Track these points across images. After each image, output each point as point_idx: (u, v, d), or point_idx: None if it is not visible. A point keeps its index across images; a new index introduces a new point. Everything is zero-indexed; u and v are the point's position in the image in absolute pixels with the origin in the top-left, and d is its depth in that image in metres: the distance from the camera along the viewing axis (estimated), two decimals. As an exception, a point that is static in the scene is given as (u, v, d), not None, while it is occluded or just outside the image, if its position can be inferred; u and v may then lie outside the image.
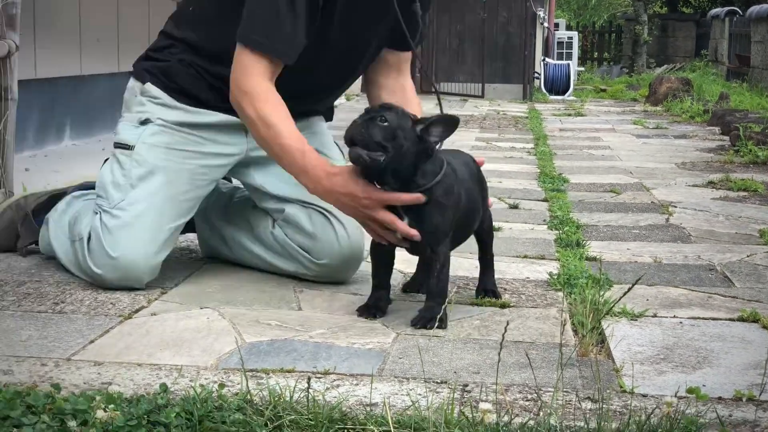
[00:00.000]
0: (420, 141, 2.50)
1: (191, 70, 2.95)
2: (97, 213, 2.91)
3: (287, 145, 2.67)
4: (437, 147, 2.56)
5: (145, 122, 2.96)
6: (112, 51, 6.95)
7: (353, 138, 2.48)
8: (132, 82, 3.04)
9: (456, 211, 2.58)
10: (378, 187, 2.53)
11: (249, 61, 2.70)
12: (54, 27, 6.18)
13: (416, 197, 2.51)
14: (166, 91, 2.96)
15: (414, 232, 2.53)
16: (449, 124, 2.54)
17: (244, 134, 2.97)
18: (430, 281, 2.58)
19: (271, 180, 3.04)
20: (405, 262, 3.04)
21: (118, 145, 2.97)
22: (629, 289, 2.36)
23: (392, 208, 2.55)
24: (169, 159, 2.93)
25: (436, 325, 2.53)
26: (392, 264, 2.71)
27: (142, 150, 2.92)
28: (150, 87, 2.98)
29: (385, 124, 2.47)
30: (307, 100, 3.00)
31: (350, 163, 2.57)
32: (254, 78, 2.70)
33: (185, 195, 2.94)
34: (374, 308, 2.66)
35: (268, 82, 2.71)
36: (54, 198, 3.29)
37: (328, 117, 3.24)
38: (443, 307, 2.54)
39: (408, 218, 2.54)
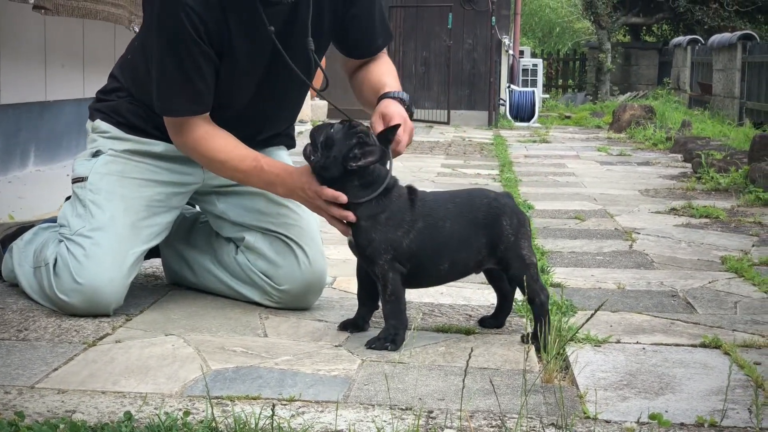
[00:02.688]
0: (344, 159, 2.62)
1: (139, 110, 3.01)
2: (61, 241, 2.91)
3: (242, 169, 2.82)
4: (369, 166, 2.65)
5: (96, 154, 3.03)
6: (77, 77, 6.93)
7: (311, 134, 2.69)
8: (87, 124, 3.12)
9: (385, 237, 2.61)
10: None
11: (173, 123, 2.86)
12: (19, 52, 6.15)
13: (345, 214, 2.65)
14: (115, 125, 3.03)
15: (346, 214, 2.65)
16: (377, 156, 2.64)
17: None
18: (382, 305, 2.68)
19: (232, 208, 3.07)
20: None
21: (75, 181, 3.02)
22: (591, 315, 2.38)
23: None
24: (123, 187, 2.95)
25: (388, 346, 2.60)
26: (375, 285, 2.75)
27: (95, 179, 2.97)
28: (99, 123, 3.05)
29: (330, 131, 2.65)
30: (249, 129, 3.01)
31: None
32: (184, 133, 2.85)
33: (145, 222, 2.95)
34: (351, 325, 2.80)
35: (200, 127, 2.84)
36: (22, 230, 3.30)
37: (290, 145, 3.26)
38: (400, 328, 2.63)
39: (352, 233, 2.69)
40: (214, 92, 2.84)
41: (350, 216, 2.64)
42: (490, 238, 2.70)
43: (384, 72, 2.99)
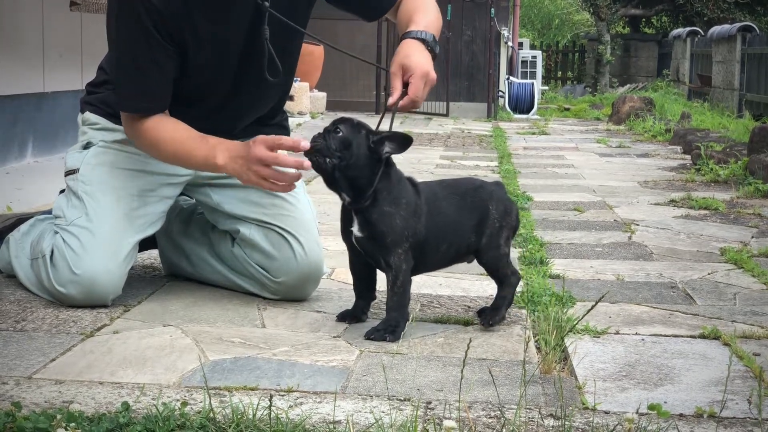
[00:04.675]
0: (371, 151, 2.59)
1: None
2: (57, 233, 2.91)
3: (186, 147, 2.80)
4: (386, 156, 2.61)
5: (87, 146, 3.04)
6: (75, 68, 6.92)
7: (313, 146, 2.60)
8: (78, 117, 3.12)
9: (407, 224, 2.60)
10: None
11: (128, 119, 2.86)
12: (16, 43, 6.14)
13: (296, 142, 2.60)
14: (104, 116, 3.03)
15: (299, 144, 2.60)
16: (403, 142, 2.61)
17: None
18: (387, 296, 2.64)
19: (228, 199, 3.06)
20: (369, 280, 3.04)
21: (67, 173, 3.02)
22: (592, 307, 2.38)
23: (346, 216, 2.66)
24: (114, 177, 2.96)
25: (387, 338, 2.59)
26: (371, 277, 2.76)
27: (86, 171, 2.97)
28: (89, 115, 3.06)
29: (340, 134, 2.59)
30: (230, 118, 3.02)
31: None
32: (134, 123, 2.85)
33: (138, 211, 2.95)
34: (349, 316, 2.79)
35: (151, 118, 2.82)
36: (20, 221, 3.29)
37: (283, 134, 3.25)
38: (401, 320, 2.62)
39: (358, 224, 2.63)
40: (191, 84, 2.85)
41: (297, 142, 2.59)
42: (478, 223, 2.73)
43: (414, 8, 2.88)
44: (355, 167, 2.58)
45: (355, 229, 2.64)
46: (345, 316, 2.80)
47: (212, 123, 2.92)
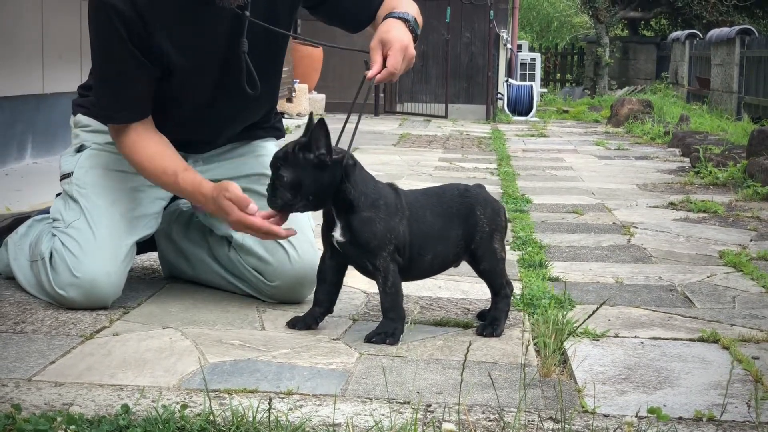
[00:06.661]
0: (319, 166, 2.56)
1: None
2: (55, 235, 2.91)
3: (163, 182, 2.87)
4: (330, 155, 2.57)
5: (80, 149, 3.05)
6: (74, 69, 6.91)
7: (272, 207, 2.62)
8: (70, 120, 3.14)
9: (388, 225, 2.59)
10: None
11: (113, 129, 2.89)
12: (16, 44, 6.14)
13: (277, 231, 2.65)
14: (95, 118, 3.03)
15: (275, 230, 2.66)
16: (318, 127, 2.54)
17: None
18: (381, 298, 2.64)
19: None
20: (369, 283, 3.04)
21: (62, 177, 3.04)
22: (593, 312, 2.38)
23: (328, 219, 2.65)
24: (108, 179, 2.97)
25: (387, 341, 2.59)
26: (337, 283, 2.73)
27: (80, 174, 2.98)
28: (80, 117, 3.07)
29: (285, 179, 2.57)
30: (209, 124, 3.02)
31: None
32: (119, 136, 2.88)
33: (133, 213, 2.95)
34: (301, 322, 2.74)
35: (133, 132, 2.85)
36: (18, 221, 3.29)
37: (278, 136, 3.25)
38: (399, 322, 2.61)
39: (340, 228, 2.61)
40: (169, 88, 2.85)
41: (281, 233, 2.65)
42: (465, 229, 2.71)
43: (395, 4, 2.90)
44: (319, 193, 2.57)
45: (337, 234, 2.62)
46: (295, 323, 2.76)
47: (189, 130, 2.90)
